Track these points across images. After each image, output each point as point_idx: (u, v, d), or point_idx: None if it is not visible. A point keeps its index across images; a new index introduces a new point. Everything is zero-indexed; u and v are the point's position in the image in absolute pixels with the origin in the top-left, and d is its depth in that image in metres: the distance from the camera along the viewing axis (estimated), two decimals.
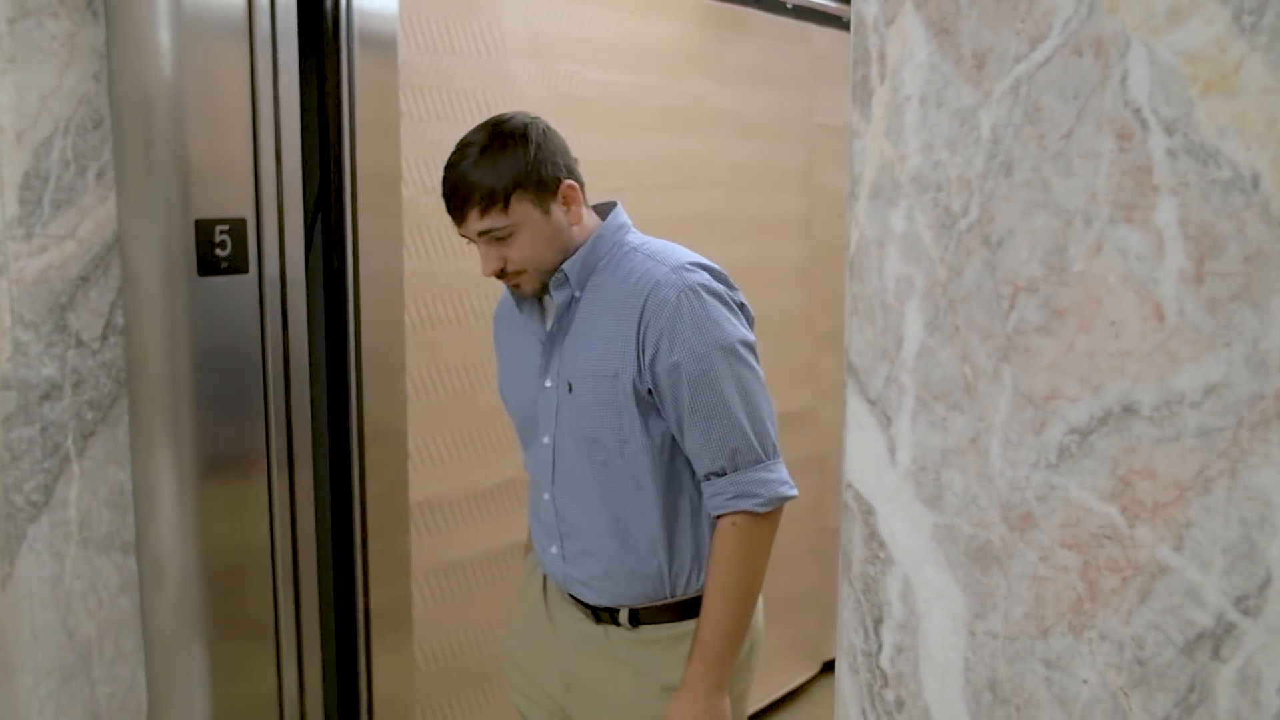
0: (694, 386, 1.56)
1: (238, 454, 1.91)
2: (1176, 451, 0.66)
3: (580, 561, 1.70)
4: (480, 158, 1.58)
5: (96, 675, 1.86)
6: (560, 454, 1.68)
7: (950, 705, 0.77)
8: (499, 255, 1.61)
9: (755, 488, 1.59)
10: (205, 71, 1.81)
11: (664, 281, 1.57)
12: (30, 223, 1.72)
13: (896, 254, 0.76)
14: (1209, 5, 0.62)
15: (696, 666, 1.63)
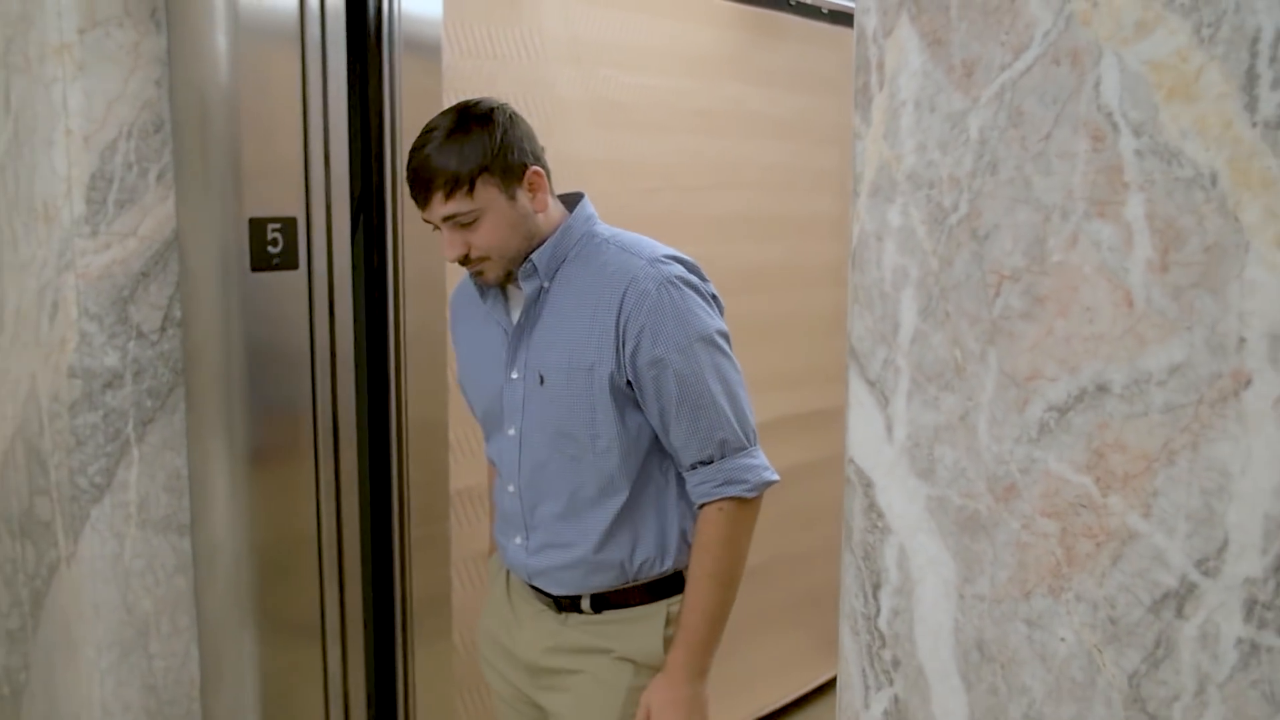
0: (679, 379, 1.56)
1: (286, 442, 2.00)
2: (1144, 426, 0.72)
3: (544, 553, 1.69)
4: (446, 141, 1.56)
5: (153, 650, 1.96)
6: (527, 446, 1.67)
7: (942, 664, 0.83)
8: (463, 241, 1.59)
9: (742, 474, 1.61)
10: (259, 77, 1.90)
11: (642, 274, 1.57)
12: (96, 221, 1.82)
13: (893, 246, 0.82)
14: (1172, 19, 0.68)
15: (680, 652, 1.64)
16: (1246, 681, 0.69)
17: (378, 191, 2.13)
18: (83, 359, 1.84)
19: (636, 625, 1.68)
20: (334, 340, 2.06)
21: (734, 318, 2.97)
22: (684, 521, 1.67)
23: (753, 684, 3.06)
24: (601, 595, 1.68)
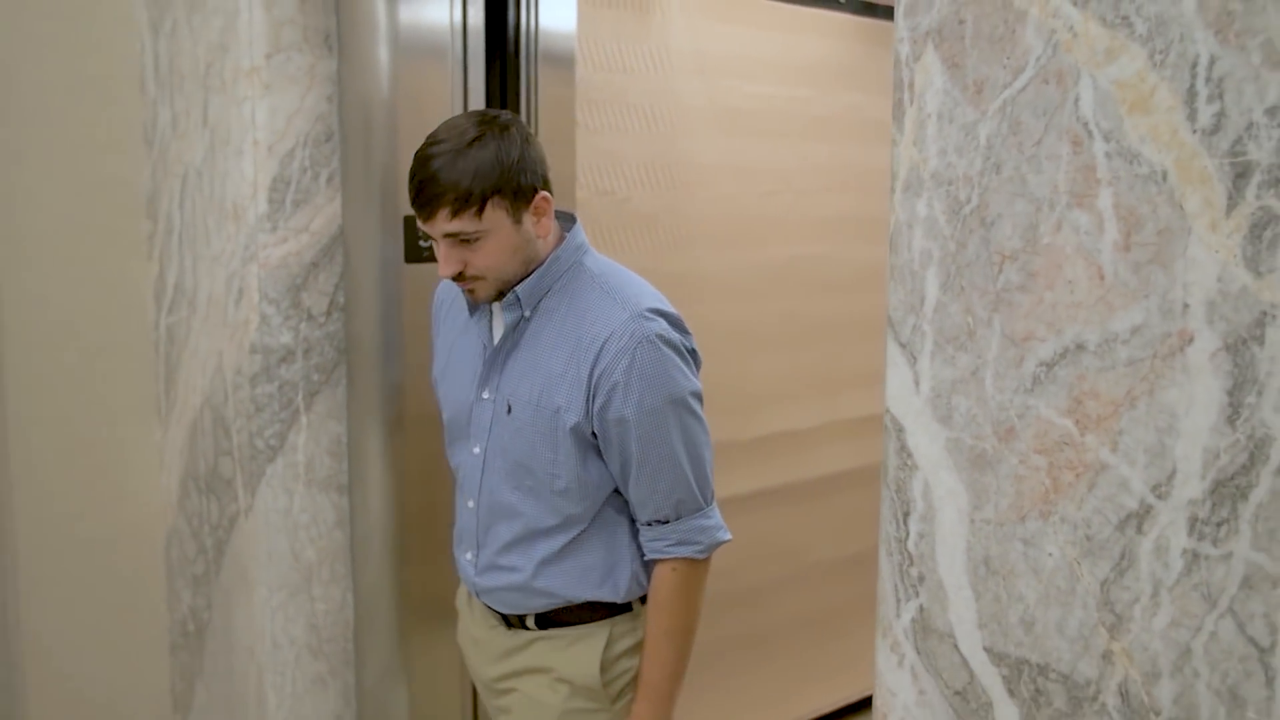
0: (643, 440, 1.54)
1: (432, 414, 2.26)
2: (1112, 377, 0.88)
3: (490, 574, 1.70)
4: (464, 151, 1.50)
5: (315, 593, 2.24)
6: (489, 469, 1.66)
7: (957, 578, 1.00)
8: (460, 259, 1.55)
9: (695, 535, 1.62)
10: (413, 90, 2.16)
11: (622, 329, 1.53)
12: (275, 218, 2.11)
13: (920, 233, 1.00)
14: (1133, 47, 0.85)
15: (642, 705, 1.66)
16: (1189, 584, 0.85)
17: None
18: (262, 338, 2.13)
19: (577, 645, 1.68)
20: None
21: (845, 315, 3.14)
22: (635, 564, 1.68)
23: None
24: (545, 614, 1.69)
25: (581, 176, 2.52)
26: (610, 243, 2.60)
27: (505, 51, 2.33)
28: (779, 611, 3.02)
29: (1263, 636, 0.81)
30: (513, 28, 2.33)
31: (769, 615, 3.03)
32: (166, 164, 2.39)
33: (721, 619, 2.88)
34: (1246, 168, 0.80)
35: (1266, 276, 0.79)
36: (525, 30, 2.33)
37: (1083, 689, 0.92)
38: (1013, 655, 0.97)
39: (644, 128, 2.68)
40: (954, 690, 1.02)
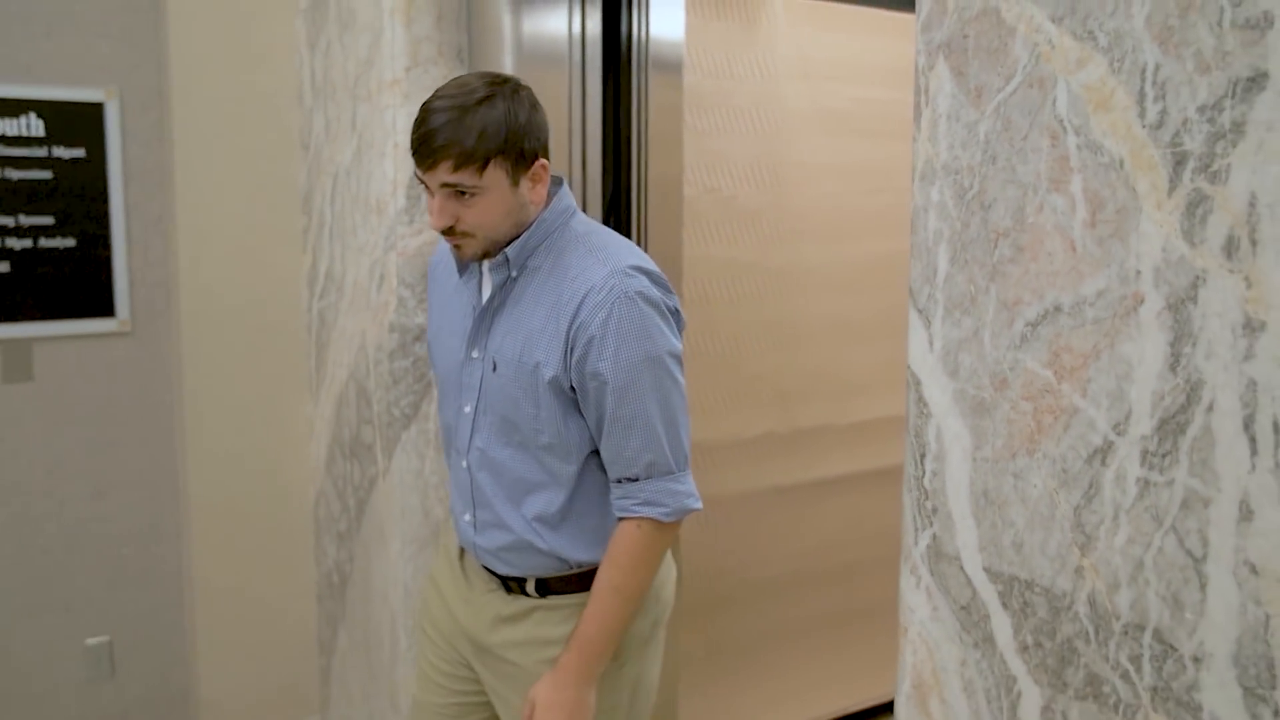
0: (617, 396, 1.55)
1: None
2: (1082, 334, 1.05)
3: (489, 533, 1.71)
4: (474, 108, 1.52)
5: None
6: (479, 427, 1.68)
7: (961, 508, 1.18)
8: (453, 213, 1.56)
9: (663, 498, 1.60)
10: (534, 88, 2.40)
11: (600, 285, 1.55)
12: (412, 213, 2.39)
13: (934, 215, 1.18)
14: (1097, 57, 1.01)
15: (572, 656, 1.62)
16: (1142, 508, 1.01)
17: (628, 190, 2.60)
18: (399, 318, 2.41)
19: (575, 616, 1.69)
20: None
21: None
22: None
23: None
24: (544, 580, 1.70)
25: (689, 175, 2.73)
26: (717, 237, 2.80)
27: (619, 59, 2.56)
28: (874, 591, 3.17)
29: (1197, 549, 0.97)
30: (625, 37, 2.55)
31: (864, 594, 3.18)
32: (320, 165, 2.70)
33: (816, 596, 3.05)
34: (1183, 156, 0.96)
35: (1199, 246, 0.95)
36: (637, 39, 2.55)
37: (1060, 600, 1.09)
38: (1006, 573, 1.14)
39: (750, 129, 2.87)
40: (960, 605, 1.19)
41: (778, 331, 2.88)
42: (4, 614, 2.81)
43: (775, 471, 2.87)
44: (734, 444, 2.87)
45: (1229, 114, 0.92)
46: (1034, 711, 1.13)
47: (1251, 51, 0.91)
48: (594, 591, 1.64)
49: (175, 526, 2.99)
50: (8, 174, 2.67)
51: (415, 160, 1.56)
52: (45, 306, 2.76)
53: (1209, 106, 0.94)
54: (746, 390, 2.88)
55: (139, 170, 2.84)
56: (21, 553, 2.81)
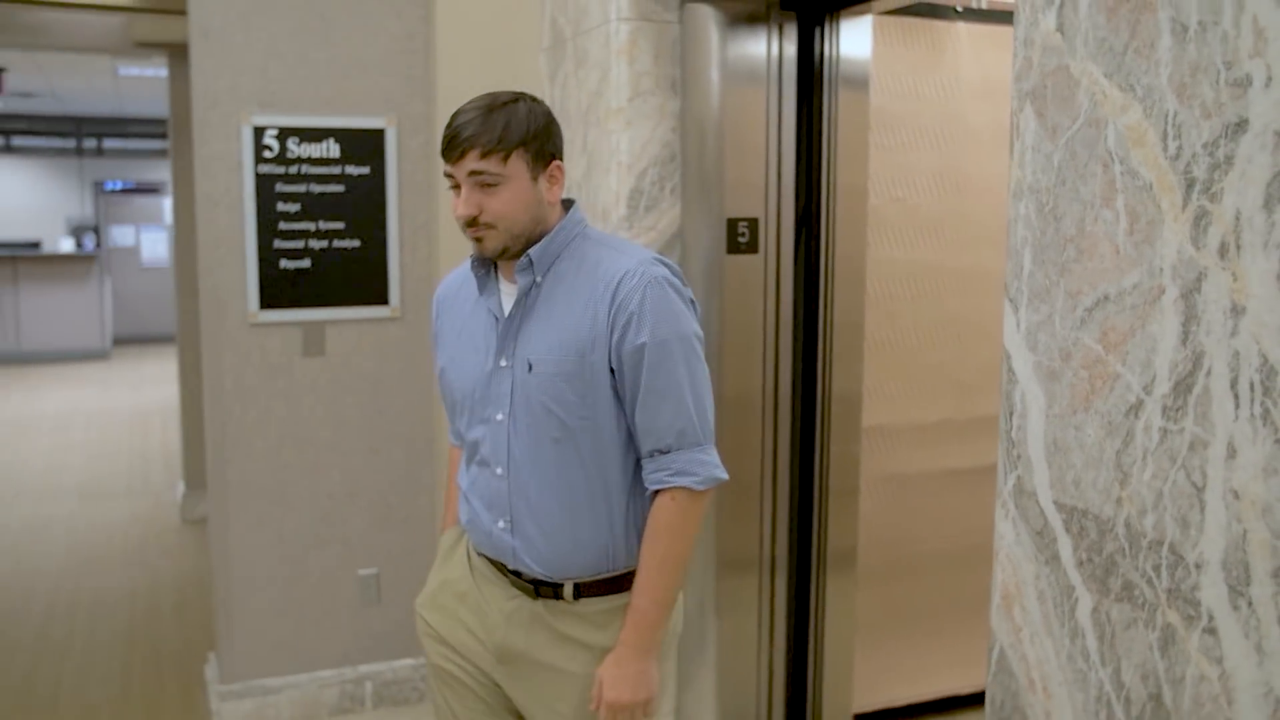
0: (652, 368, 1.66)
1: (745, 364, 2.89)
2: (1123, 317, 1.36)
3: (529, 535, 1.75)
4: (499, 109, 1.66)
5: None
6: (515, 430, 1.74)
7: (1038, 454, 1.51)
8: (478, 203, 1.67)
9: (694, 467, 1.71)
10: (737, 114, 2.79)
11: (633, 271, 1.69)
12: (632, 219, 2.83)
13: (1021, 225, 1.51)
14: (1134, 104, 1.33)
15: (630, 633, 1.72)
16: (1162, 450, 1.32)
17: (818, 199, 2.96)
18: None
19: (615, 618, 1.77)
20: (779, 306, 2.92)
21: None
22: None
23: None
24: (582, 584, 1.76)
25: (877, 185, 3.07)
26: (901, 241, 3.13)
27: (812, 80, 2.91)
28: None
29: (1199, 481, 1.27)
30: (818, 60, 2.90)
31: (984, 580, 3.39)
32: None
33: (939, 582, 3.27)
34: (1192, 181, 1.26)
35: (1202, 250, 1.26)
36: (828, 62, 2.89)
37: (1105, 524, 1.40)
38: (1068, 504, 1.46)
39: (935, 145, 3.18)
40: (1035, 531, 1.52)
41: (956, 327, 3.17)
42: (299, 544, 3.45)
43: (950, 455, 3.16)
44: (912, 428, 3.18)
45: (1222, 149, 1.23)
46: (1086, 613, 1.44)
47: (1238, 104, 1.21)
48: (641, 568, 1.74)
49: (430, 478, 3.56)
50: (311, 188, 3.30)
51: (445, 157, 1.68)
52: (336, 295, 3.37)
53: (1210, 144, 1.24)
54: (925, 380, 3.18)
55: (410, 184, 3.42)
56: (312, 495, 3.45)
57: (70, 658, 3.94)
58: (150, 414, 8.80)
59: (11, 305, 11.85)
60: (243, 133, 3.20)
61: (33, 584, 4.73)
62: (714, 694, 2.98)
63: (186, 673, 3.77)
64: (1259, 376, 1.20)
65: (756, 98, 2.80)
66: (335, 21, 3.27)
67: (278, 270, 3.27)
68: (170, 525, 5.69)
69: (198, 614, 4.34)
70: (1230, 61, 1.22)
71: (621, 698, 1.71)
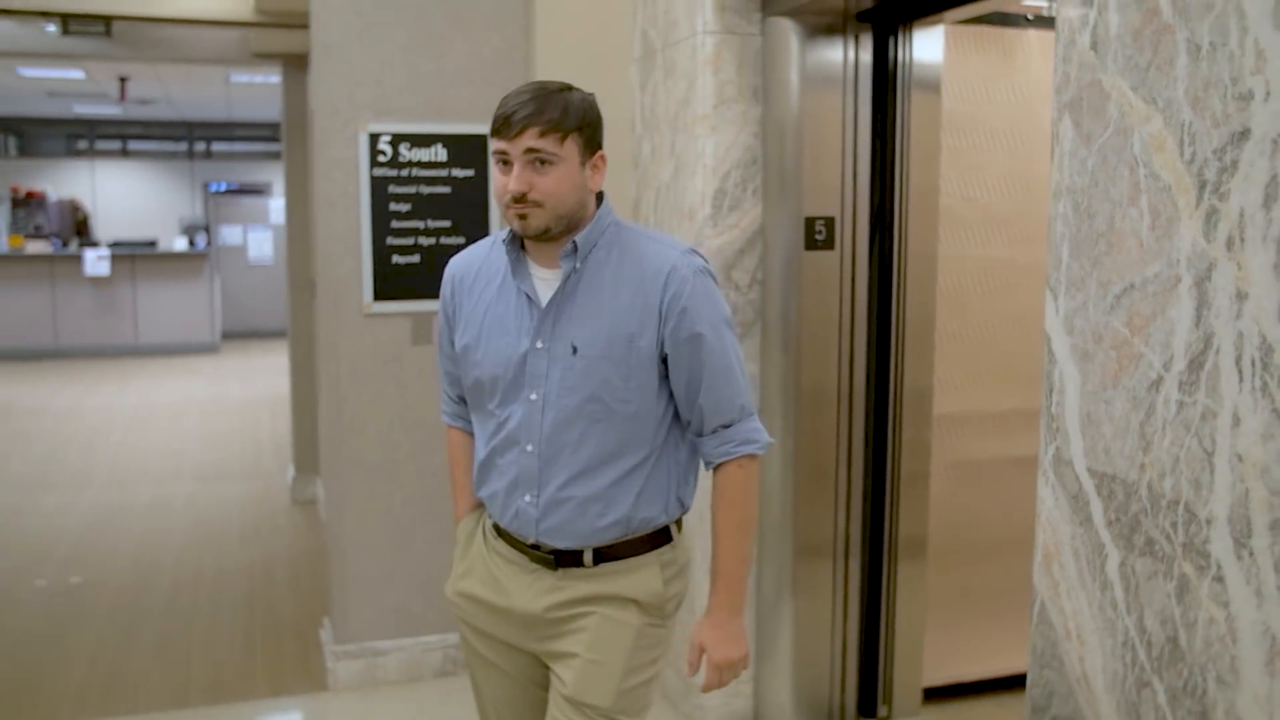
0: (711, 353, 1.76)
1: (822, 355, 3.08)
2: (1146, 303, 1.54)
3: (556, 509, 1.80)
4: (556, 93, 1.72)
5: None
6: (551, 409, 1.78)
7: (1074, 427, 1.69)
8: (529, 180, 1.71)
9: (754, 434, 1.84)
10: (815, 117, 2.97)
11: (680, 263, 1.77)
12: (716, 218, 3.05)
13: (1060, 223, 1.69)
14: (1156, 115, 1.51)
15: (722, 594, 1.82)
16: (1178, 421, 1.50)
17: (892, 199, 3.13)
18: None
19: (635, 573, 1.84)
20: (854, 301, 3.10)
21: None
22: (682, 487, 1.87)
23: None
24: (601, 549, 1.82)
25: (949, 186, 3.23)
26: (972, 239, 3.29)
27: (886, 86, 3.08)
28: None
29: (1209, 446, 1.45)
30: (891, 67, 3.07)
31: None
32: (646, 181, 3.42)
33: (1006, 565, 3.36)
34: (1204, 183, 1.44)
35: (1213, 243, 1.43)
36: (901, 68, 3.05)
37: (1131, 488, 1.58)
38: (1099, 471, 1.64)
39: (1005, 148, 3.33)
40: (1071, 495, 1.70)
41: (1025, 321, 3.31)
42: (407, 518, 3.73)
43: (1017, 443, 3.30)
44: (982, 416, 3.34)
45: (1229, 155, 1.40)
46: (1115, 567, 1.62)
47: (1242, 115, 1.39)
48: (719, 533, 1.83)
49: None
50: (420, 189, 3.58)
51: (500, 134, 1.72)
52: None
53: (1219, 150, 1.42)
54: (996, 370, 3.34)
55: None
56: (419, 473, 3.72)
57: (198, 621, 4.29)
58: (259, 403, 9.26)
59: (130, 301, 12.50)
60: (359, 139, 3.48)
61: (159, 557, 5.11)
62: (790, 668, 3.17)
63: (303, 636, 4.08)
64: (1259, 354, 1.37)
65: (833, 103, 2.99)
66: (443, 37, 3.54)
67: (390, 265, 3.55)
68: (281, 506, 6.06)
69: (310, 585, 4.66)
70: (1236, 78, 1.39)
71: (731, 655, 1.82)
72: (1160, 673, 1.55)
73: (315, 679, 3.73)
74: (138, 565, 5.05)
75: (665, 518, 1.84)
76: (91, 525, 5.71)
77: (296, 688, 3.69)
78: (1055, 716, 1.76)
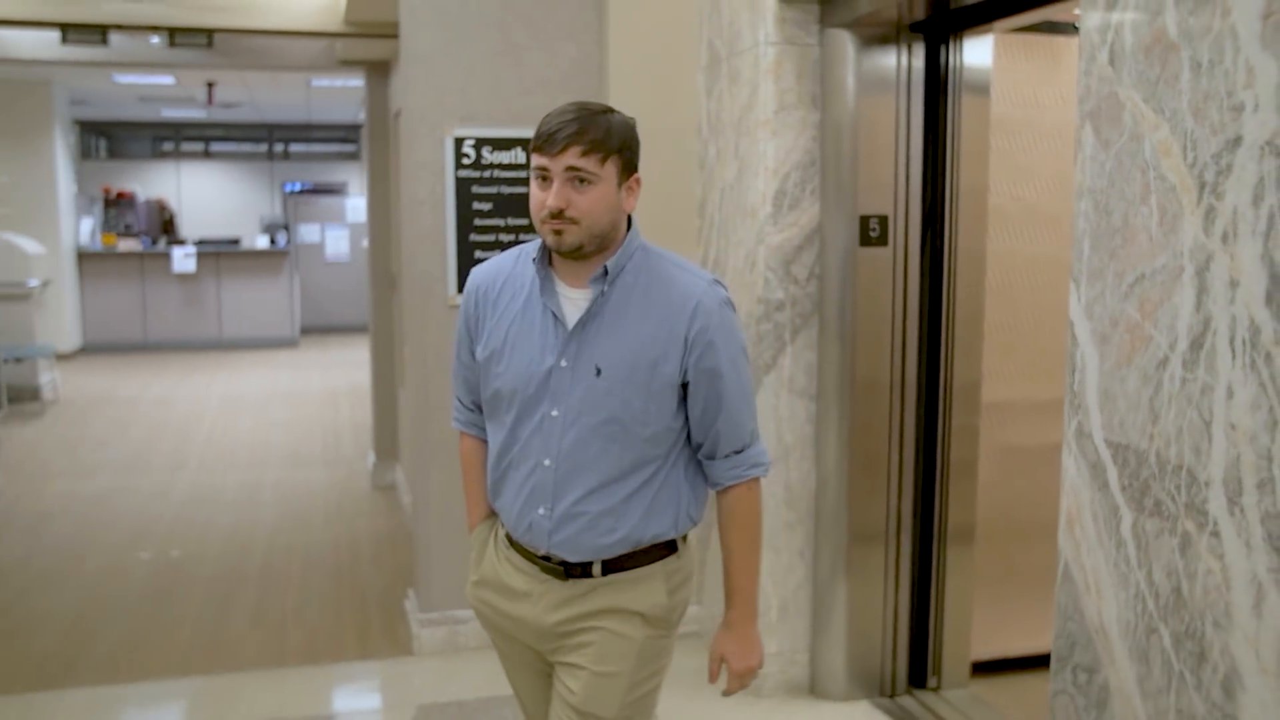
0: (730, 384, 1.83)
1: (876, 347, 3.28)
2: (1155, 291, 1.74)
3: (569, 523, 1.83)
4: (600, 114, 1.76)
5: (791, 464, 3.37)
6: (571, 426, 1.81)
7: (1093, 402, 1.88)
8: (567, 198, 1.73)
9: (761, 458, 1.90)
10: (870, 121, 3.17)
11: (707, 295, 1.82)
12: (776, 216, 3.26)
13: (1082, 219, 1.89)
14: (1164, 124, 1.70)
15: (740, 608, 1.91)
16: (1182, 395, 1.69)
17: (942, 198, 3.31)
18: (766, 293, 3.29)
19: (640, 585, 1.88)
20: (906, 294, 3.29)
21: None
22: (692, 503, 1.91)
23: None
24: (609, 562, 1.86)
25: (999, 186, 3.41)
26: (1021, 236, 3.47)
27: (937, 90, 3.26)
28: None
29: (1208, 417, 1.64)
30: (942, 72, 3.25)
31: None
32: (711, 182, 3.65)
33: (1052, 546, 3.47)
34: (1204, 184, 1.63)
35: (1210, 237, 1.63)
36: (952, 73, 3.23)
37: (1142, 456, 1.78)
38: (1115, 441, 1.84)
39: (1052, 148, 3.49)
40: (1091, 464, 1.90)
41: None
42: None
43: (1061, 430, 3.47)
44: (1028, 405, 3.51)
45: (1224, 159, 1.60)
46: (1128, 527, 1.82)
47: (1235, 124, 1.58)
48: (733, 553, 1.91)
49: None
50: (501, 190, 3.84)
51: (542, 150, 1.75)
52: None
53: (1216, 154, 1.61)
54: (1041, 361, 3.51)
55: None
56: None
57: (290, 591, 4.60)
58: (338, 394, 9.65)
59: (214, 297, 13.03)
60: (445, 143, 3.75)
61: (252, 534, 5.46)
62: (844, 642, 3.37)
63: (388, 607, 4.37)
64: (1248, 335, 1.57)
65: (887, 108, 3.19)
66: (523, 47, 3.80)
67: (473, 260, 3.81)
68: (363, 490, 6.39)
69: (392, 561, 4.96)
70: (1230, 91, 1.59)
71: (750, 663, 1.92)
72: (1166, 619, 1.74)
73: (401, 645, 4.01)
74: (232, 541, 5.39)
75: (674, 532, 1.87)
76: (187, 505, 6.09)
77: (384, 652, 3.98)
78: (1076, 664, 1.96)
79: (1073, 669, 1.96)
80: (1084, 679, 1.93)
